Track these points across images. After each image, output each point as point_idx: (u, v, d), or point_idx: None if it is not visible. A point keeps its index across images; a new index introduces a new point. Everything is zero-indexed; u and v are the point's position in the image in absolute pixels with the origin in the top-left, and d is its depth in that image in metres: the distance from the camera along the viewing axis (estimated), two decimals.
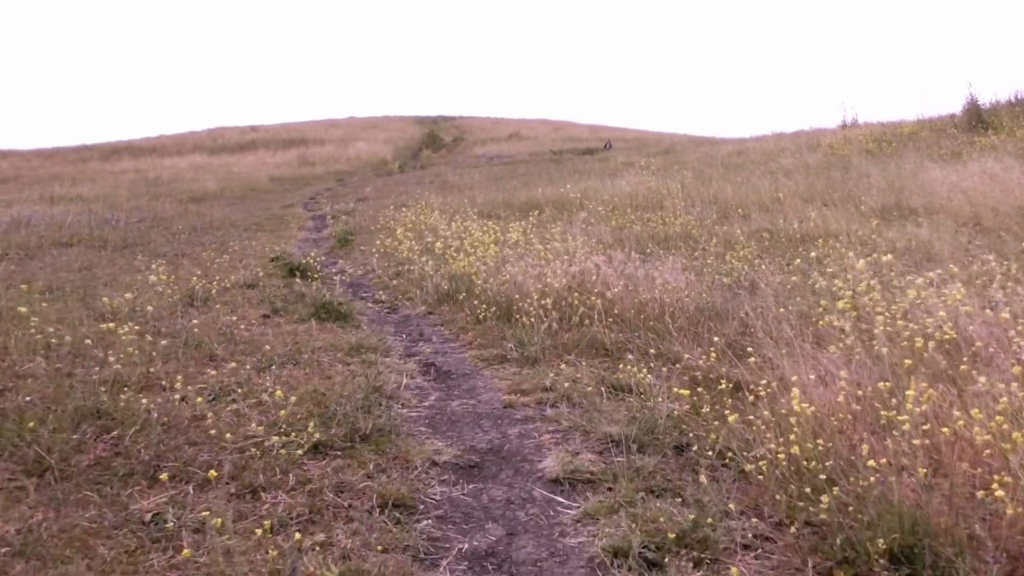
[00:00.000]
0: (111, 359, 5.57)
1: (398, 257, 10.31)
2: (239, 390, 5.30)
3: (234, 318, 7.39)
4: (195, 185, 25.17)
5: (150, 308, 7.52)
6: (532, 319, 6.77)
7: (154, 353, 5.93)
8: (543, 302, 6.92)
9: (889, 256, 7.46)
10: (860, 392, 4.16)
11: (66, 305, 7.96)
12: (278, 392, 4.90)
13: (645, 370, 5.39)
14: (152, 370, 5.57)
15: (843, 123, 27.56)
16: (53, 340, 6.17)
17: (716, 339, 5.74)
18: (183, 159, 32.46)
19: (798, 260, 9.09)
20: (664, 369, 5.64)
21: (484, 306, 7.39)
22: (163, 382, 5.35)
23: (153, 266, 8.69)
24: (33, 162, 33.62)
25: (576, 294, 7.18)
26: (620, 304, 6.96)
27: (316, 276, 9.38)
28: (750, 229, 11.84)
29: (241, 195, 24.12)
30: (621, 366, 5.80)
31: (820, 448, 3.68)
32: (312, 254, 12.19)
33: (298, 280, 9.13)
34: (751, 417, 4.26)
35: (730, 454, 4.17)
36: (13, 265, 11.42)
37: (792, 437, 3.73)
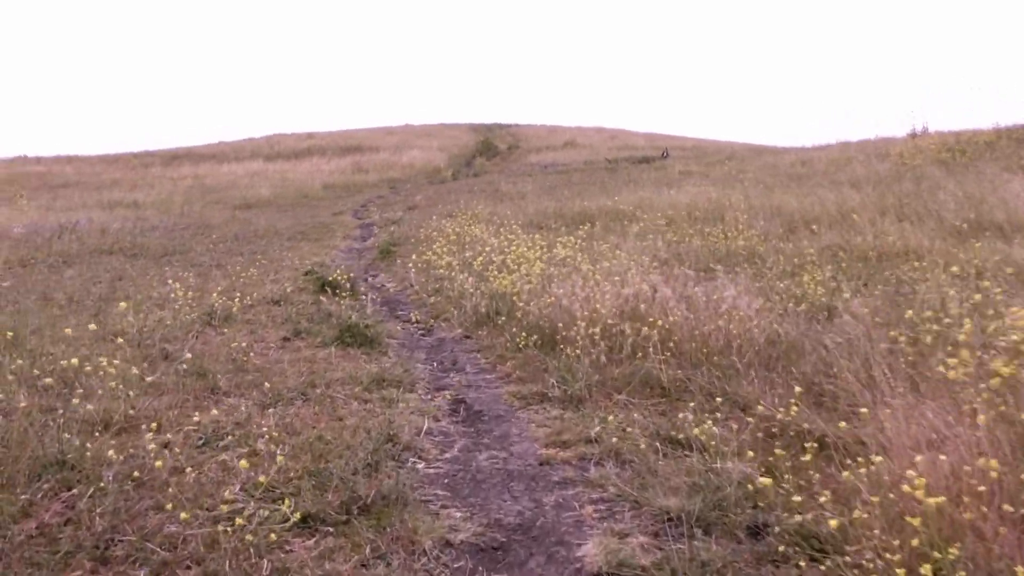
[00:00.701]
0: (99, 391, 4.84)
1: (438, 272, 9.49)
2: (234, 434, 4.50)
3: (251, 341, 6.63)
4: (249, 192, 24.77)
5: (166, 325, 6.82)
6: (578, 350, 5.87)
7: (147, 383, 5.17)
8: (591, 331, 6.01)
9: (986, 281, 6.45)
10: (993, 465, 3.19)
11: (79, 321, 7.30)
12: (272, 443, 4.08)
13: (709, 420, 4.46)
14: (141, 406, 4.80)
15: (912, 132, 26.03)
16: (46, 367, 5.45)
17: (796, 386, 4.77)
18: (241, 165, 32.19)
19: (882, 284, 8.07)
20: (732, 421, 4.69)
21: (525, 333, 6.51)
22: (151, 423, 4.58)
23: (171, 281, 7.98)
24: (97, 167, 33.70)
25: (628, 321, 6.26)
26: (678, 332, 6.02)
27: (348, 292, 8.60)
28: (820, 245, 10.77)
29: (293, 202, 23.63)
30: (680, 413, 4.88)
31: (952, 555, 2.73)
32: (351, 267, 11.46)
33: (328, 297, 8.36)
34: (844, 482, 3.32)
35: (819, 544, 3.23)
36: (48, 273, 10.89)
37: (911, 539, 2.78)
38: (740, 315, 6.01)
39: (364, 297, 8.52)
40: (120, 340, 6.43)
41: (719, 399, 5.11)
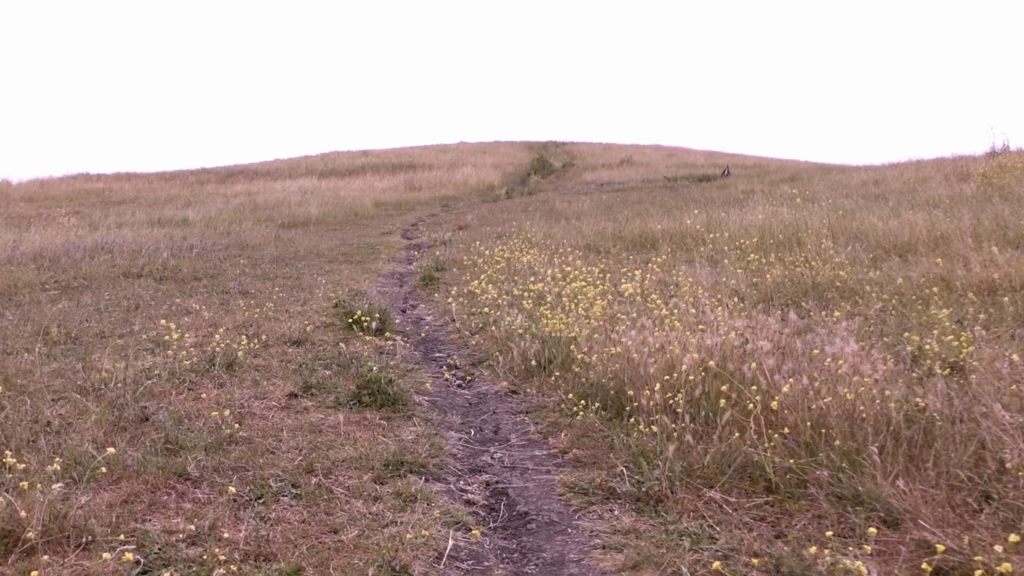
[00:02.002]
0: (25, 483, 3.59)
1: (483, 305, 8.15)
2: (186, 552, 3.21)
3: (251, 397, 5.36)
4: (299, 210, 23.79)
5: (155, 375, 5.59)
6: (653, 424, 4.46)
7: (99, 466, 3.91)
8: (671, 399, 4.60)
9: None
10: None
11: (64, 365, 6.13)
12: None
13: (855, 558, 3.03)
14: (77, 505, 3.53)
15: (992, 149, 23.98)
16: None
17: (966, 495, 3.32)
18: (294, 182, 31.35)
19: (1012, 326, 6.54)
20: (873, 543, 3.25)
21: (585, 398, 5.13)
22: (80, 537, 3.30)
23: (163, 321, 6.75)
24: (154, 184, 33.19)
25: (714, 381, 4.85)
26: (779, 398, 4.59)
27: (379, 328, 7.31)
28: (916, 275, 9.19)
29: (342, 220, 22.58)
30: (797, 522, 3.47)
31: None
32: (389, 295, 10.20)
33: (356, 335, 7.08)
34: None
35: None
36: (64, 300, 9.84)
37: None
38: (865, 381, 4.54)
39: (396, 337, 7.19)
40: (101, 391, 5.25)
41: (852, 506, 3.68)
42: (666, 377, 4.77)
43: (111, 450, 4.02)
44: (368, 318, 7.25)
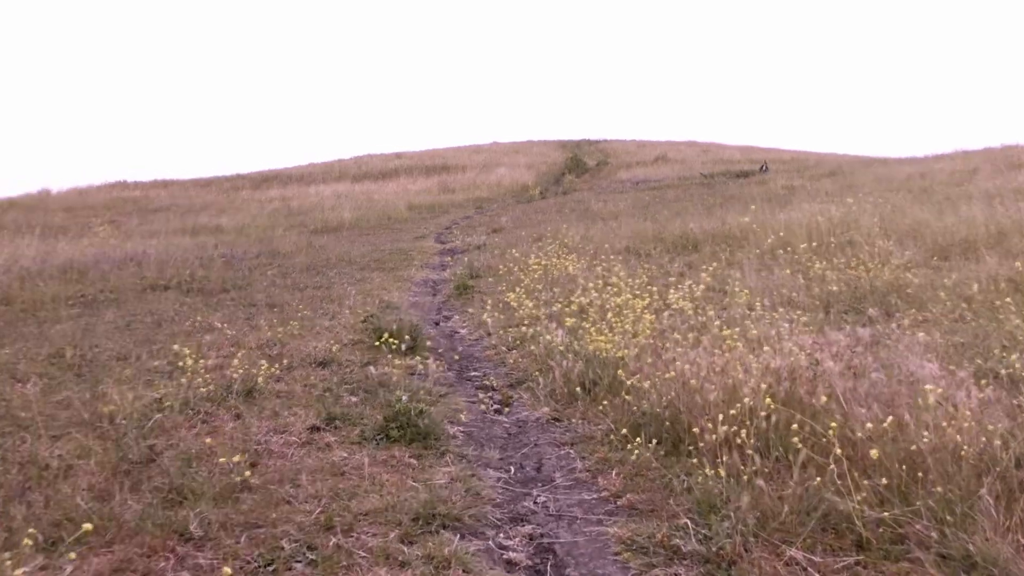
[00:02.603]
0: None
1: (521, 317, 7.59)
2: None
3: (269, 431, 4.86)
4: (332, 214, 23.43)
5: (166, 405, 5.12)
6: (720, 465, 3.88)
7: (88, 526, 3.42)
8: (737, 434, 4.01)
9: None
10: None
11: (75, 392, 5.68)
12: None
13: None
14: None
15: None
16: None
17: None
18: (328, 187, 31.06)
19: None
20: None
21: (636, 429, 4.56)
22: None
23: (177, 346, 6.26)
24: (190, 191, 33.09)
25: (784, 411, 4.25)
26: (865, 433, 3.98)
27: (411, 345, 6.78)
28: (986, 277, 8.47)
29: (376, 224, 22.16)
30: None
31: None
32: (422, 305, 9.68)
33: (385, 354, 6.56)
34: None
35: None
36: (87, 315, 9.47)
37: None
38: (957, 412, 3.91)
39: (428, 356, 6.66)
40: (106, 427, 4.78)
41: (964, 570, 3.08)
42: (729, 410, 4.17)
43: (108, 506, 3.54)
44: (398, 337, 6.72)
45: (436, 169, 33.81)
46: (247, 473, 3.95)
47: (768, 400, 4.25)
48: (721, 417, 4.13)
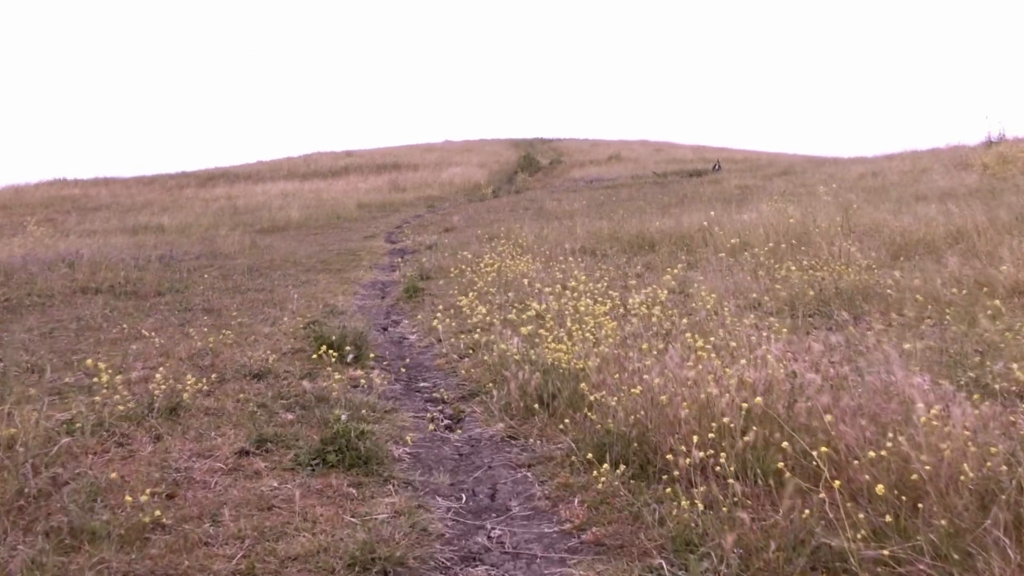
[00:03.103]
0: None
1: (474, 324, 7.12)
2: None
3: (192, 455, 4.33)
4: (279, 213, 22.69)
5: (77, 426, 4.55)
6: (695, 496, 3.45)
7: None
8: (714, 457, 3.59)
9: None
10: None
11: None
12: None
13: None
14: None
15: (988, 139, 23.08)
16: None
17: None
18: (275, 185, 30.19)
19: None
20: None
21: (600, 449, 4.12)
22: None
23: (90, 362, 5.64)
24: (132, 189, 31.97)
25: (762, 428, 3.85)
26: (845, 453, 3.60)
27: (355, 354, 6.26)
28: (949, 278, 8.23)
29: (324, 224, 21.48)
30: None
31: None
32: (370, 308, 9.15)
33: (327, 364, 6.05)
34: None
35: None
36: (8, 320, 8.78)
37: None
38: (953, 430, 3.54)
39: (373, 366, 6.16)
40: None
41: None
42: (706, 432, 3.75)
43: None
44: (340, 347, 6.20)
45: (387, 167, 33.11)
46: (157, 513, 3.41)
47: (742, 415, 3.85)
48: (696, 439, 3.72)
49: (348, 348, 6.24)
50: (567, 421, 4.56)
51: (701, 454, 3.60)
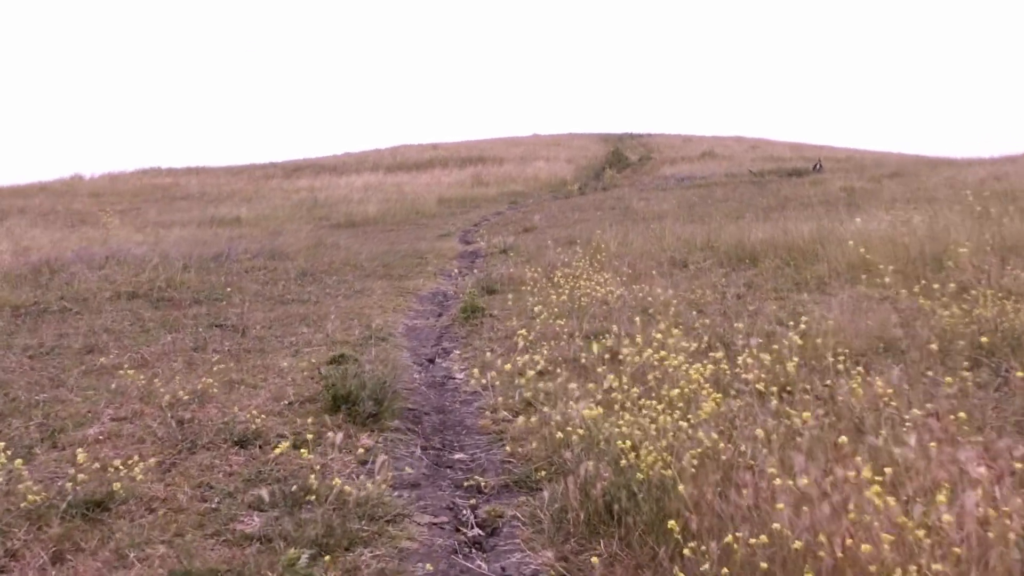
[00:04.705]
0: None
1: (535, 364, 5.50)
2: None
3: None
4: (357, 208, 21.53)
5: None
6: None
7: None
8: None
9: None
10: None
11: None
12: None
13: None
14: None
15: None
16: None
17: None
18: (359, 177, 29.14)
19: None
20: None
21: None
22: None
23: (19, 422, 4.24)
24: (221, 179, 31.46)
25: None
26: None
27: (376, 412, 4.73)
28: None
29: (401, 220, 20.19)
30: None
31: None
32: (420, 331, 7.63)
33: (339, 422, 4.54)
34: None
35: None
36: (21, 332, 7.63)
37: None
38: None
39: (396, 424, 4.62)
40: None
41: None
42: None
43: None
44: (357, 398, 4.69)
45: (472, 161, 31.69)
46: None
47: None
48: None
49: (367, 402, 4.71)
50: (641, 533, 2.90)
51: None
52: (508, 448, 4.51)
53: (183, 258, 11.93)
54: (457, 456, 4.56)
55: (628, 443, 3.66)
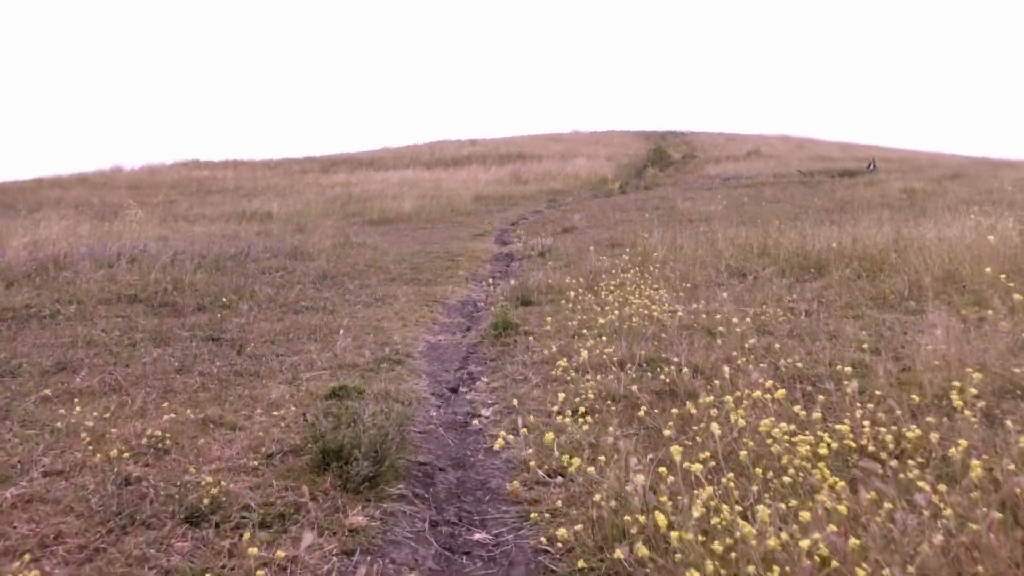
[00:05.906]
0: None
1: (576, 406, 4.36)
2: None
3: None
4: (391, 204, 20.49)
5: None
6: None
7: None
8: None
9: None
10: None
11: None
12: None
13: None
14: None
15: None
16: None
17: None
18: (396, 173, 28.16)
19: None
20: None
21: None
22: None
23: None
24: (257, 172, 30.69)
25: None
26: None
27: (374, 475, 3.63)
28: None
29: (436, 217, 19.13)
30: None
31: None
32: (442, 351, 6.49)
33: (323, 491, 3.43)
34: None
35: None
36: (7, 340, 6.66)
37: None
38: None
39: (397, 492, 3.50)
40: None
41: None
42: None
43: None
44: (351, 455, 3.57)
45: (511, 158, 30.52)
46: None
47: None
48: None
49: (362, 462, 3.60)
50: None
51: None
52: (542, 516, 3.35)
53: (198, 256, 10.97)
54: (477, 537, 3.42)
55: (693, 551, 2.49)
